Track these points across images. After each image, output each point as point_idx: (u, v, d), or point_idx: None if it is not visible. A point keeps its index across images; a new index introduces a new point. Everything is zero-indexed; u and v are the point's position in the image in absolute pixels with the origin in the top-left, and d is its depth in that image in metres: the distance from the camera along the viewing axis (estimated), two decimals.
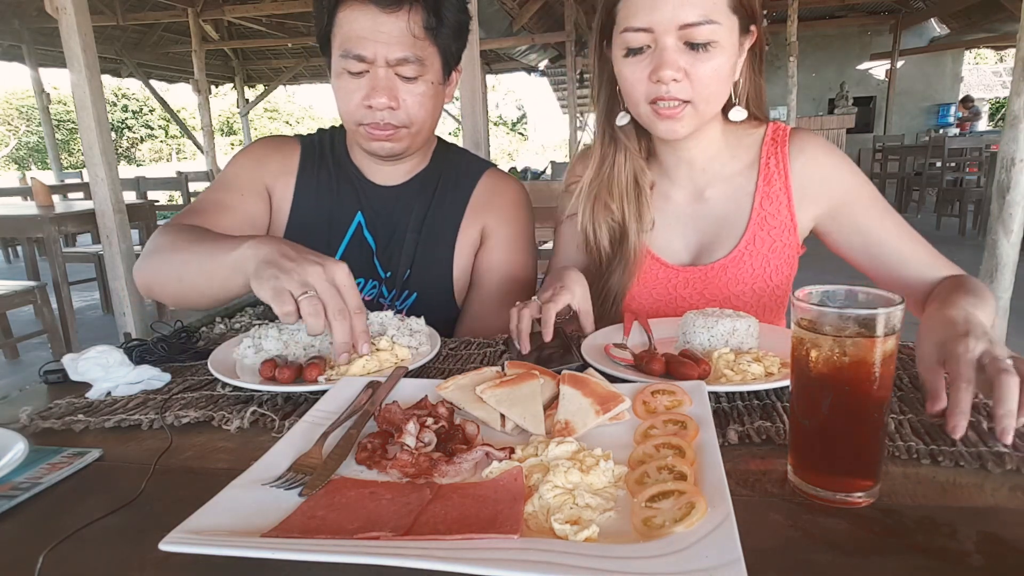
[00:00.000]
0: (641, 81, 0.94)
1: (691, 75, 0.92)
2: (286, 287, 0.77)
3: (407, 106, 1.08)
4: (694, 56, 0.91)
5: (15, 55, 9.37)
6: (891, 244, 1.04)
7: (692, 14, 0.88)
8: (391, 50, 1.04)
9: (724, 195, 1.10)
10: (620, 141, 1.09)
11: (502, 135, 28.36)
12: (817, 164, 1.06)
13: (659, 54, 0.91)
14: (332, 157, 1.25)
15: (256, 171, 1.22)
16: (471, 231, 1.25)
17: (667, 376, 0.78)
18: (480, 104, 3.39)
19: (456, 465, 0.58)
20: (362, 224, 1.23)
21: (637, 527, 0.48)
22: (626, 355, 0.85)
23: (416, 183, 1.24)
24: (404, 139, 1.12)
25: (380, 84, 1.05)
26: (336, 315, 0.77)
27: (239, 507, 0.52)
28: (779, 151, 1.07)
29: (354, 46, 1.04)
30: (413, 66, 1.06)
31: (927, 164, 8.01)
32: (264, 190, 1.22)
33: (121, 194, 3.57)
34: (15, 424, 0.75)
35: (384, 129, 1.09)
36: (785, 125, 1.09)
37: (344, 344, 0.79)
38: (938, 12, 11.43)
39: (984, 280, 3.33)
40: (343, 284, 0.80)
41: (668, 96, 0.92)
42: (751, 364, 0.78)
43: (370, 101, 1.06)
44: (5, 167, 24.91)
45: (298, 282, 0.77)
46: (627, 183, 1.10)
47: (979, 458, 0.59)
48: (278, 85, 14.69)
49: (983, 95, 17.50)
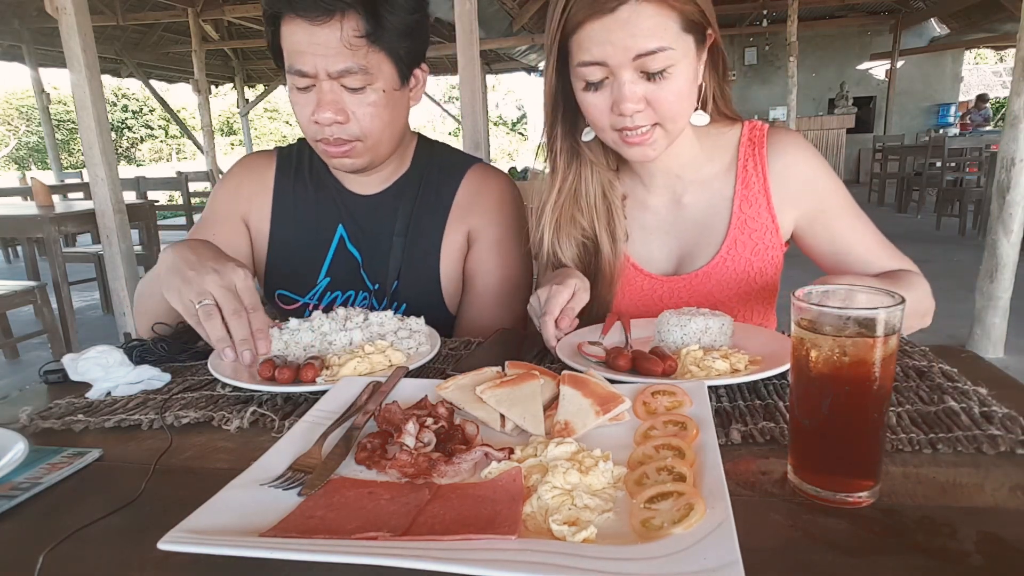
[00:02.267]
0: (604, 112, 0.93)
1: (652, 102, 0.90)
2: (188, 297, 0.83)
3: (357, 118, 1.03)
4: (653, 85, 0.89)
5: (15, 55, 9.38)
6: (857, 251, 1.05)
7: (645, 44, 0.86)
8: (329, 62, 0.99)
9: (702, 200, 1.08)
10: (585, 156, 1.06)
11: (502, 135, 28.34)
12: (797, 167, 1.05)
13: (618, 88, 0.89)
14: (310, 168, 1.22)
15: (230, 203, 1.22)
16: (456, 235, 1.20)
17: (633, 372, 0.80)
18: (480, 104, 3.39)
19: (455, 465, 0.58)
20: (344, 237, 1.20)
21: (636, 528, 0.48)
22: (599, 351, 0.86)
23: (396, 189, 1.20)
24: (362, 153, 1.08)
25: (325, 98, 1.01)
26: (231, 315, 0.83)
27: (238, 507, 0.52)
28: (757, 152, 1.05)
29: (295, 61, 1.00)
30: (357, 76, 1.00)
31: (927, 164, 8.01)
32: (239, 220, 1.21)
33: (121, 194, 3.57)
34: (15, 424, 0.75)
35: (337, 145, 1.05)
36: (762, 124, 1.07)
37: (243, 341, 0.83)
38: (938, 12, 11.43)
39: (984, 280, 3.33)
40: (240, 287, 0.85)
41: (633, 126, 0.92)
42: (716, 360, 0.80)
43: (316, 117, 1.02)
44: (5, 167, 24.90)
45: (196, 291, 0.83)
46: (595, 197, 1.07)
47: (975, 441, 0.62)
48: (278, 85, 14.65)
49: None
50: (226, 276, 0.84)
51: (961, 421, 0.66)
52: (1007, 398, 0.71)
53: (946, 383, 0.76)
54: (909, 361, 0.84)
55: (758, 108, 12.81)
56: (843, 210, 1.05)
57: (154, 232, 4.72)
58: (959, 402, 0.70)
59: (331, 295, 1.21)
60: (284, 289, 1.23)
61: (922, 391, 0.74)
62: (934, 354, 0.87)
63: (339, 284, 1.21)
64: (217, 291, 0.83)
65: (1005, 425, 0.64)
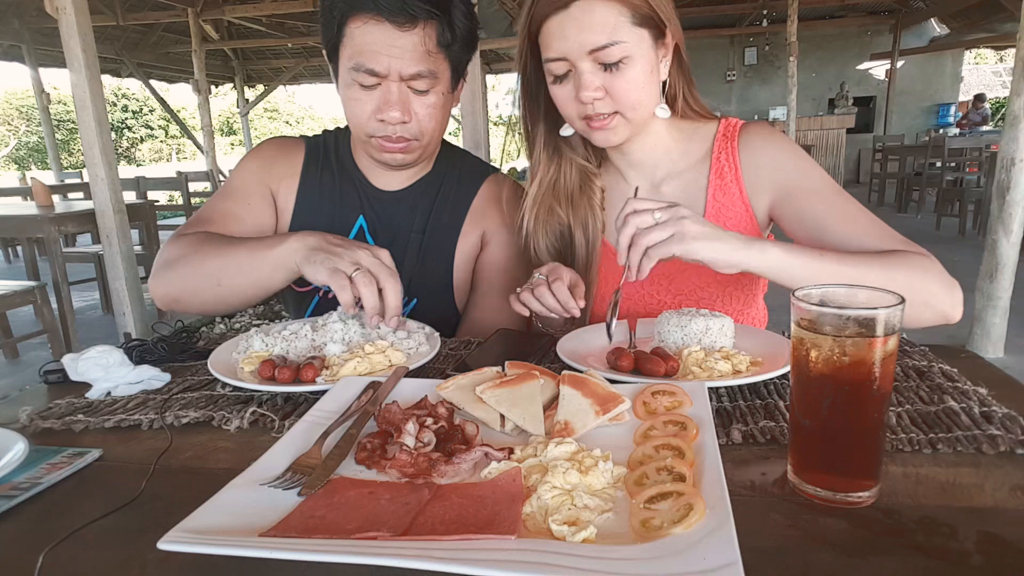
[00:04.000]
0: (570, 102, 1.00)
1: (610, 91, 0.97)
2: (339, 267, 0.87)
3: (419, 119, 1.08)
4: (610, 75, 0.96)
5: (15, 55, 9.37)
6: (835, 230, 0.99)
7: (597, 39, 0.93)
8: (405, 65, 1.02)
9: (678, 190, 1.12)
10: (564, 151, 1.14)
11: (502, 135, 28.33)
12: (762, 152, 1.07)
13: (578, 78, 0.97)
14: (336, 160, 1.25)
15: (261, 176, 1.23)
16: (471, 237, 1.25)
17: (636, 372, 0.80)
18: (480, 104, 3.39)
19: (455, 465, 0.58)
20: (364, 228, 1.23)
21: (635, 528, 0.48)
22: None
23: (419, 188, 1.24)
24: (416, 151, 1.13)
25: (393, 98, 1.05)
26: (387, 279, 0.89)
27: (238, 507, 0.52)
28: (729, 145, 1.09)
29: (367, 60, 1.02)
30: (426, 80, 1.05)
31: (927, 164, 8.01)
32: (269, 195, 1.23)
33: (121, 194, 3.58)
34: (15, 424, 0.75)
35: (397, 142, 1.09)
36: (737, 120, 1.11)
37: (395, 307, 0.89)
38: (938, 12, 11.43)
39: (984, 280, 3.32)
40: (388, 261, 0.91)
41: (595, 114, 0.99)
42: (719, 362, 0.80)
43: (383, 115, 1.05)
44: (5, 167, 24.90)
45: (349, 261, 0.88)
46: (574, 189, 1.15)
47: (975, 440, 0.62)
48: (278, 85, 14.70)
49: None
50: (375, 251, 0.91)
51: (961, 421, 0.66)
52: (1007, 398, 0.71)
53: (946, 383, 0.76)
54: (909, 361, 0.84)
55: (758, 108, 12.81)
56: (816, 191, 1.02)
57: (154, 232, 4.72)
58: (959, 402, 0.70)
59: None
60: None
61: (922, 391, 0.74)
62: (934, 354, 0.87)
63: None
64: (369, 261, 0.89)
65: (1005, 425, 0.64)
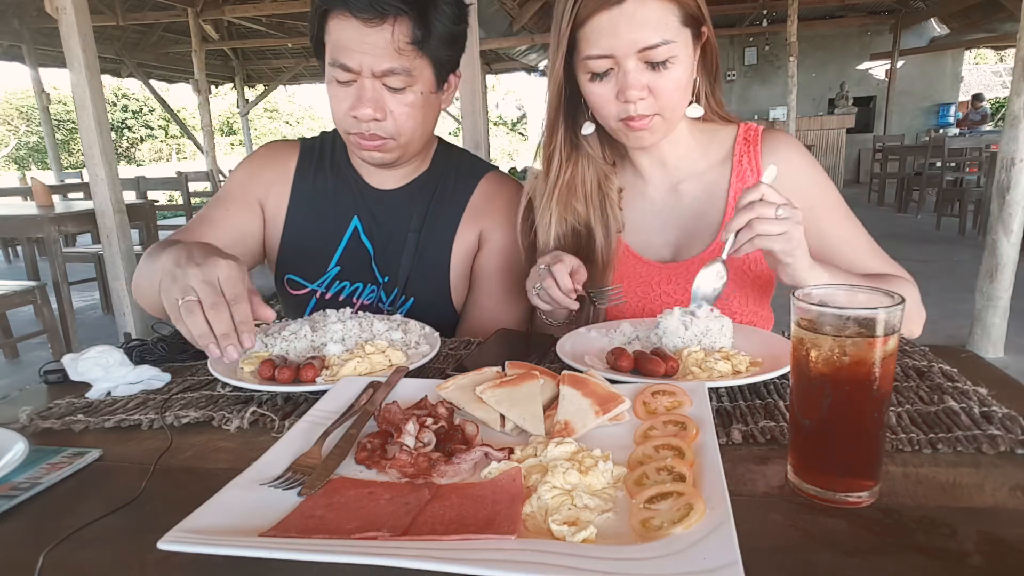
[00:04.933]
0: (609, 101, 0.98)
1: (654, 91, 0.95)
2: (173, 296, 0.78)
3: (394, 117, 1.07)
4: (655, 74, 0.94)
5: (15, 55, 9.37)
6: (843, 250, 1.07)
7: (649, 38, 0.91)
8: (376, 62, 1.02)
9: (698, 190, 1.12)
10: (583, 149, 1.11)
11: (502, 135, 28.33)
12: (789, 166, 1.07)
13: (623, 77, 0.94)
14: (331, 161, 1.26)
15: (249, 185, 1.24)
16: (468, 236, 1.24)
17: (635, 372, 0.80)
18: (480, 104, 3.39)
19: (455, 465, 0.58)
20: (359, 228, 1.23)
21: (635, 528, 0.48)
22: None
23: (414, 187, 1.24)
24: (393, 150, 1.12)
25: (366, 95, 1.05)
26: (209, 309, 0.77)
27: (238, 507, 0.52)
28: (752, 149, 1.10)
29: (340, 55, 1.03)
30: (400, 77, 1.04)
31: (927, 164, 8.01)
32: (255, 203, 1.24)
33: (121, 194, 3.58)
34: (15, 424, 0.75)
35: (371, 139, 1.09)
36: (757, 125, 1.12)
37: (225, 336, 0.76)
38: (938, 12, 11.43)
39: (984, 280, 3.33)
40: (222, 278, 0.79)
41: (637, 115, 0.97)
42: (719, 362, 0.80)
43: (355, 112, 1.05)
44: (5, 167, 24.88)
45: (180, 288, 0.78)
46: (591, 188, 1.12)
47: (975, 440, 0.62)
48: (278, 85, 14.69)
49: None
50: (208, 270, 0.79)
51: (961, 421, 0.66)
52: (1007, 398, 0.71)
53: (946, 383, 0.76)
54: (909, 361, 0.84)
55: (758, 108, 12.80)
56: (832, 211, 1.08)
57: (154, 232, 4.72)
58: (959, 402, 0.70)
59: (339, 284, 1.24)
60: (293, 274, 1.25)
61: (922, 391, 0.74)
62: (934, 354, 0.87)
63: (348, 274, 1.24)
64: (198, 285, 0.78)
65: (1005, 425, 0.64)
